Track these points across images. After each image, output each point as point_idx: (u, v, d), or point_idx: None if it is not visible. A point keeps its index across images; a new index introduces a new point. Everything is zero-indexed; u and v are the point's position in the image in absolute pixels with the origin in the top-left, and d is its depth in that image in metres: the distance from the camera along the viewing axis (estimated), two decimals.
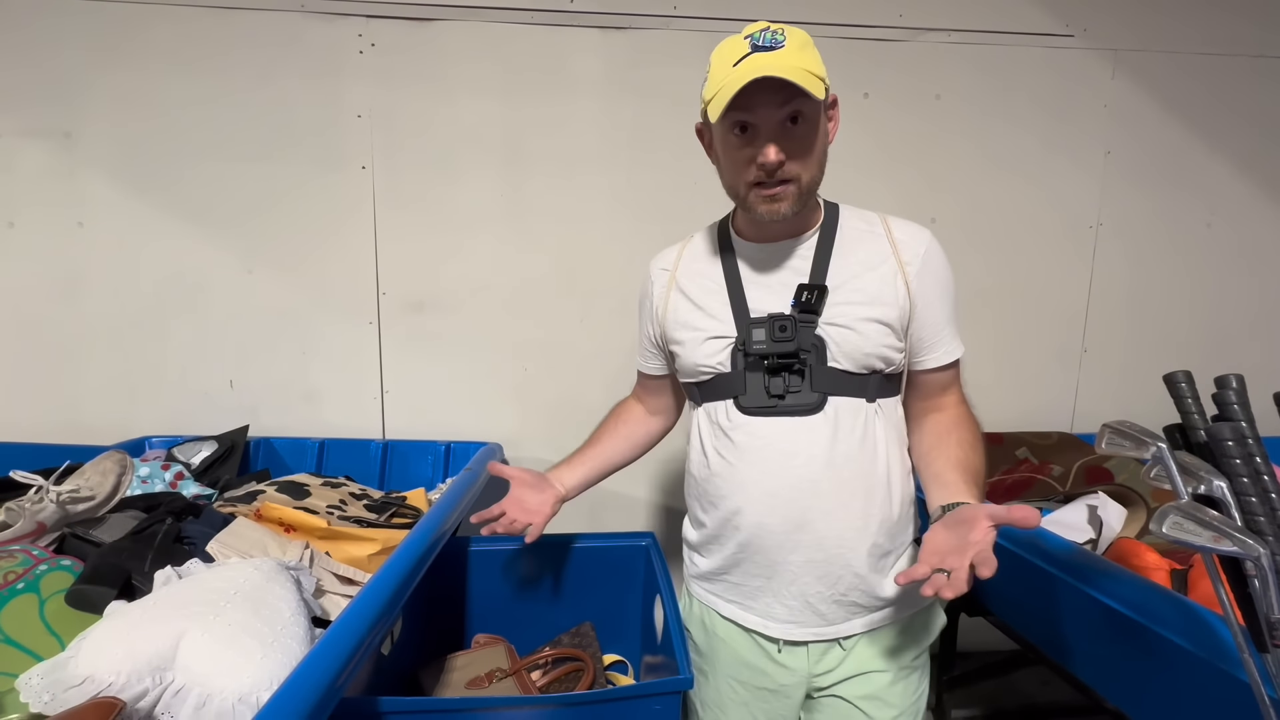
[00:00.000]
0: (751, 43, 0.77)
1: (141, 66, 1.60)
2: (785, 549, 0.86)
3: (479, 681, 1.15)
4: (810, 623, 0.88)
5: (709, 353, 0.89)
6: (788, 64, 0.74)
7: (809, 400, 0.84)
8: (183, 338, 1.70)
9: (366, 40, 1.64)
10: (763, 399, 0.85)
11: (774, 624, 0.90)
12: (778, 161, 0.78)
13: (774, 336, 0.83)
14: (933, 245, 0.88)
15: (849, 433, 0.84)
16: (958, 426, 0.88)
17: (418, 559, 0.95)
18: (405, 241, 1.71)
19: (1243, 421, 0.67)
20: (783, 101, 0.77)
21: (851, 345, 0.84)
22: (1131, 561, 1.09)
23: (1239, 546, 0.59)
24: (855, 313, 0.84)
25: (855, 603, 0.88)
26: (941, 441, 0.88)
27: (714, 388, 0.90)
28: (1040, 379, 1.94)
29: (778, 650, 0.91)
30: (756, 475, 0.86)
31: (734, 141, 0.81)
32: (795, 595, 0.87)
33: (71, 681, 0.70)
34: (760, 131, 0.79)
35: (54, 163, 1.61)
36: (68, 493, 1.11)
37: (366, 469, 1.67)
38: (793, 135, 0.79)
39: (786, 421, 0.85)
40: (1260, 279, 1.95)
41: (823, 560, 0.85)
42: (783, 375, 0.84)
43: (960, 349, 0.90)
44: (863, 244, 0.88)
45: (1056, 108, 1.82)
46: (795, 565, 0.86)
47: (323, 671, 0.67)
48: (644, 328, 1.03)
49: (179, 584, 0.88)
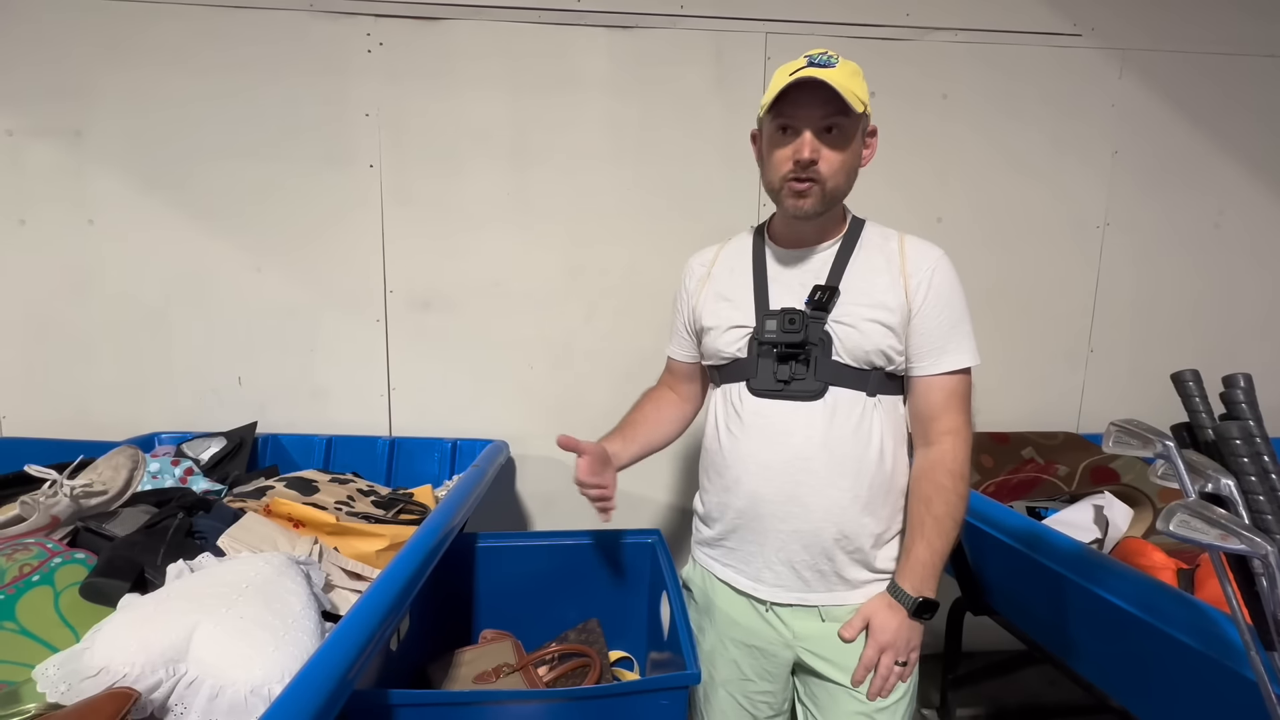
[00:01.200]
0: (809, 60, 0.88)
1: (151, 65, 1.61)
2: (777, 517, 0.95)
3: (486, 676, 1.15)
4: (794, 587, 0.97)
5: (730, 340, 0.99)
6: (836, 79, 0.84)
7: (812, 387, 0.93)
8: (192, 334, 1.71)
9: (375, 39, 1.65)
10: (770, 383, 0.94)
11: (763, 587, 0.99)
12: (811, 158, 0.88)
13: (784, 327, 0.92)
14: (940, 264, 0.94)
15: (845, 420, 0.93)
16: (938, 495, 0.92)
17: (426, 555, 0.96)
18: (412, 239, 1.72)
19: (1250, 420, 0.67)
20: (824, 114, 0.87)
21: (854, 342, 0.92)
22: (1138, 561, 1.09)
23: (1246, 544, 0.59)
24: (860, 313, 0.92)
25: (837, 573, 0.96)
26: (917, 502, 0.94)
27: (731, 371, 1.00)
28: (1046, 378, 1.94)
29: (766, 610, 1.00)
30: (756, 449, 0.95)
31: (777, 139, 0.92)
32: (783, 561, 0.96)
33: (87, 672, 0.71)
34: (800, 132, 0.89)
35: (64, 160, 1.63)
36: (81, 487, 1.12)
37: (373, 466, 1.68)
38: (828, 141, 0.89)
39: (789, 404, 0.94)
40: (1268, 279, 1.94)
41: (809, 531, 0.94)
42: (790, 363, 0.93)
43: (961, 362, 0.94)
44: (877, 254, 0.96)
45: (1064, 107, 1.81)
46: (784, 533, 0.95)
47: (335, 664, 0.67)
48: (680, 315, 1.12)
49: (191, 577, 0.89)
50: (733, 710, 1.06)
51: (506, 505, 1.82)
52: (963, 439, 0.94)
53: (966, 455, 0.94)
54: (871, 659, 0.93)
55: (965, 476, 0.93)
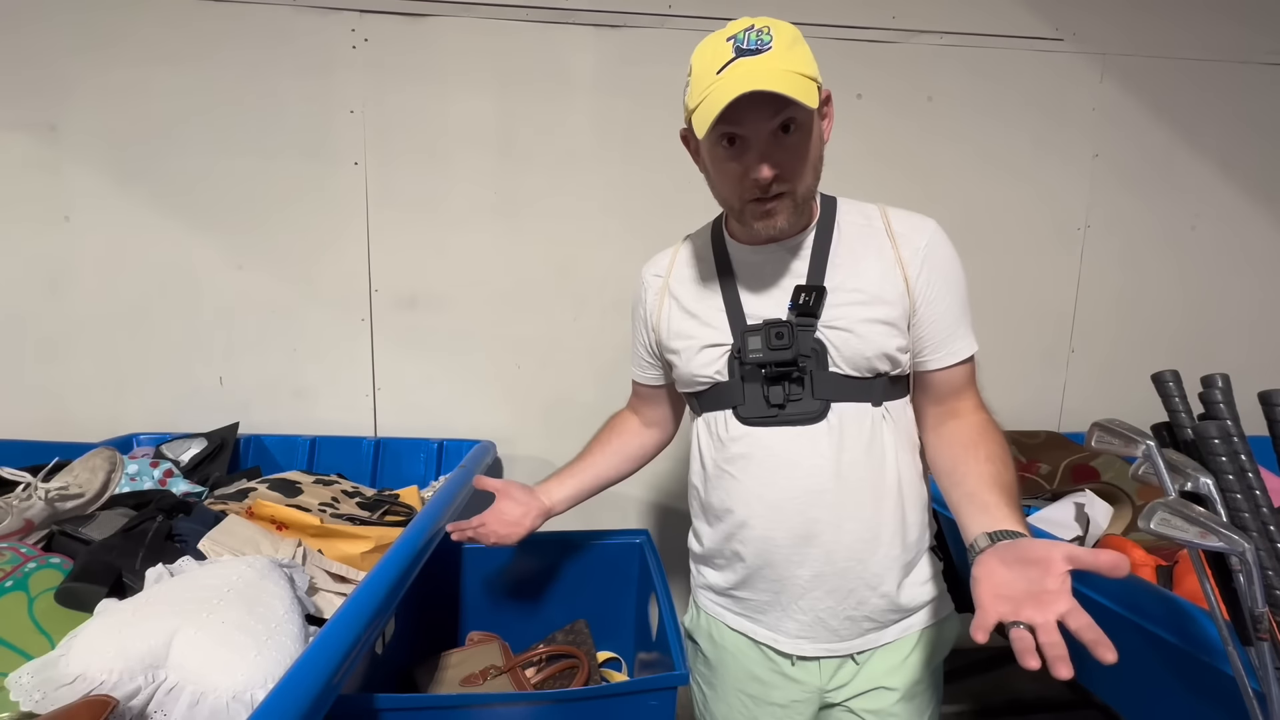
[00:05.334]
0: (735, 45, 0.72)
1: (129, 58, 1.58)
2: (793, 563, 0.82)
3: (473, 679, 1.15)
4: (822, 638, 0.85)
5: (705, 362, 0.85)
6: (776, 69, 0.69)
7: (811, 408, 0.80)
8: (171, 333, 1.68)
9: (359, 35, 1.63)
10: (762, 409, 0.81)
11: (785, 639, 0.86)
12: (771, 176, 0.74)
13: (770, 344, 0.78)
14: (936, 236, 0.83)
15: (854, 440, 0.80)
16: (984, 438, 0.80)
17: (412, 557, 0.95)
18: (398, 237, 1.70)
19: (1229, 420, 0.68)
20: (773, 112, 0.72)
21: (852, 349, 0.80)
22: None
23: (1225, 542, 0.60)
24: (855, 314, 0.80)
25: (869, 617, 0.84)
26: (969, 455, 0.79)
27: (712, 397, 0.86)
28: (1028, 378, 1.96)
29: (790, 665, 0.87)
30: (759, 487, 0.83)
31: (722, 154, 0.77)
32: (805, 610, 0.84)
33: (63, 680, 0.70)
34: (750, 144, 0.74)
35: (39, 155, 1.59)
36: (56, 490, 1.10)
37: (358, 467, 1.66)
38: (785, 145, 0.75)
39: (788, 431, 0.81)
40: (1244, 280, 1.98)
41: (833, 574, 0.82)
42: (782, 384, 0.80)
43: (972, 347, 0.84)
44: (861, 240, 0.84)
45: (1046, 110, 1.84)
46: (804, 580, 0.82)
47: (320, 668, 0.66)
48: (638, 335, 0.99)
49: (171, 581, 0.88)
50: None
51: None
52: (988, 416, 0.84)
53: (998, 426, 0.82)
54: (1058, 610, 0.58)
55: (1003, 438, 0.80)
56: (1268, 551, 0.65)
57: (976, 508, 0.72)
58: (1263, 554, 0.64)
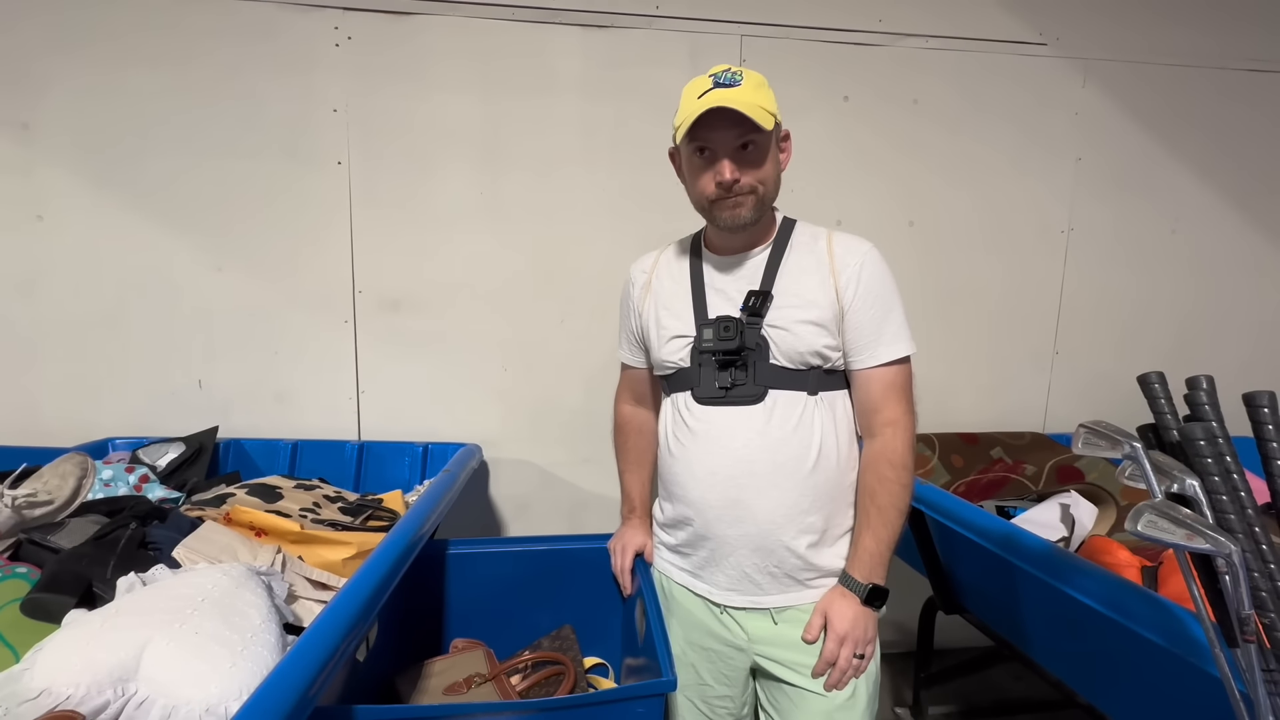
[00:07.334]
0: (714, 80, 0.91)
1: (105, 55, 1.54)
2: (724, 523, 0.97)
3: (457, 687, 1.13)
4: (747, 590, 0.99)
5: (672, 350, 1.01)
6: (743, 100, 0.87)
7: (752, 392, 0.96)
8: (149, 336, 1.64)
9: (343, 33, 1.60)
10: (713, 390, 0.97)
11: (717, 591, 1.01)
12: (733, 179, 0.91)
13: (720, 336, 0.95)
14: (869, 258, 0.96)
15: (784, 420, 0.95)
16: (882, 487, 0.94)
17: (394, 563, 0.93)
18: (382, 239, 1.68)
19: (1214, 422, 0.68)
20: (738, 133, 0.90)
21: (788, 345, 0.95)
22: (1103, 559, 1.12)
23: (1211, 544, 0.60)
24: (792, 315, 0.95)
25: (788, 575, 0.97)
26: (868, 500, 0.96)
27: (678, 380, 1.02)
28: (1014, 380, 1.98)
29: (721, 613, 1.02)
30: (701, 455, 0.98)
31: (697, 163, 0.95)
32: (734, 566, 0.98)
33: (26, 695, 0.67)
34: (718, 154, 0.92)
35: (11, 154, 1.55)
36: (24, 496, 1.07)
37: (341, 471, 1.64)
38: (745, 158, 0.92)
39: (731, 410, 0.96)
40: (1224, 282, 2.01)
41: (756, 534, 0.96)
42: (730, 370, 0.96)
43: (896, 353, 0.95)
44: (806, 255, 0.99)
45: (1030, 114, 1.86)
46: (732, 539, 0.97)
47: (295, 680, 0.64)
48: (626, 324, 1.14)
49: (143, 591, 0.85)
50: (692, 716, 1.08)
51: (479, 510, 1.79)
52: (904, 429, 0.95)
53: (909, 444, 0.95)
54: (832, 651, 0.94)
55: (908, 466, 0.95)
56: (1254, 553, 0.65)
57: (851, 545, 0.99)
58: (1249, 556, 0.64)
